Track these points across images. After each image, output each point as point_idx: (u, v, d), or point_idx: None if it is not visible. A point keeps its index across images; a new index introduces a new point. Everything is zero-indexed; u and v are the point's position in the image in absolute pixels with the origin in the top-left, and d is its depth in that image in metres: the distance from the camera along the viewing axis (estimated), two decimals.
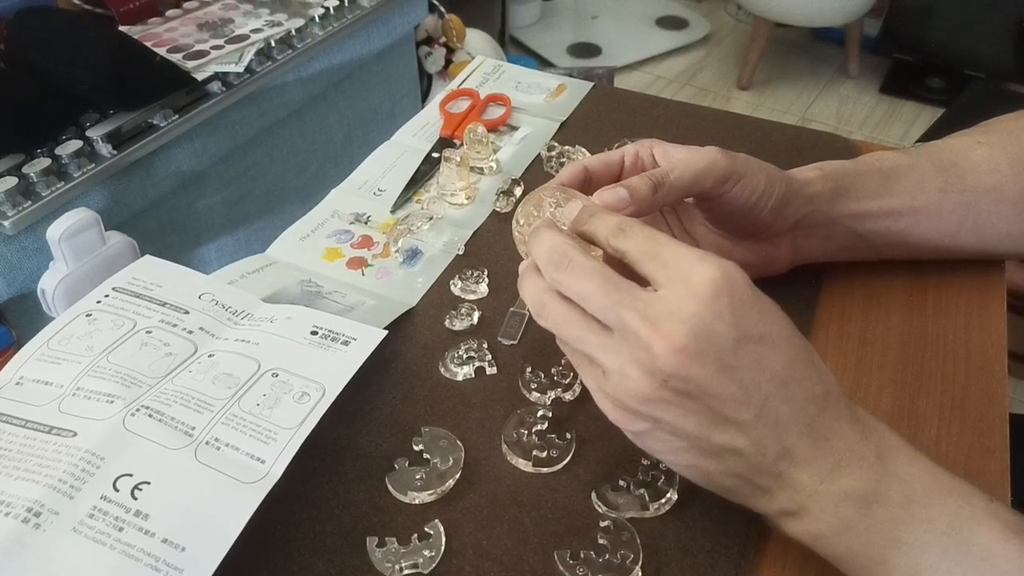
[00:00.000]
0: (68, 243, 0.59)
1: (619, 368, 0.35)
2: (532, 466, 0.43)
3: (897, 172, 0.51)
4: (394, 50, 1.29)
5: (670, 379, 0.33)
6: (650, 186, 0.43)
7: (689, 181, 0.44)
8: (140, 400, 0.42)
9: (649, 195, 0.43)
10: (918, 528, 0.33)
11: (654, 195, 0.43)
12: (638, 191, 0.42)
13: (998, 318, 0.52)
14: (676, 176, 0.44)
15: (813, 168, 0.50)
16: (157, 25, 1.06)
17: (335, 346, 0.46)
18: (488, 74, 0.79)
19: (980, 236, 0.51)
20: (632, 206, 0.43)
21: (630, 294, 0.34)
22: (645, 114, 0.72)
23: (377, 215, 0.62)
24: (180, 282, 0.51)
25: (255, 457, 0.40)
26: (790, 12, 2.27)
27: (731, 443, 0.34)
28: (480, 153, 0.65)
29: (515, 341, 0.51)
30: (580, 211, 0.40)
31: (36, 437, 0.40)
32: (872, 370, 0.49)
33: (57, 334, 0.46)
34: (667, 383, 0.33)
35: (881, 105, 2.38)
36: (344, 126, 1.25)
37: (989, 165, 0.51)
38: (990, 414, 0.46)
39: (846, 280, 0.54)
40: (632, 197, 0.42)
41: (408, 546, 0.39)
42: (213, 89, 0.97)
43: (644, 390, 0.34)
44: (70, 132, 0.88)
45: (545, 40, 2.61)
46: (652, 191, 0.43)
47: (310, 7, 1.12)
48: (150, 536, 0.36)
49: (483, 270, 0.56)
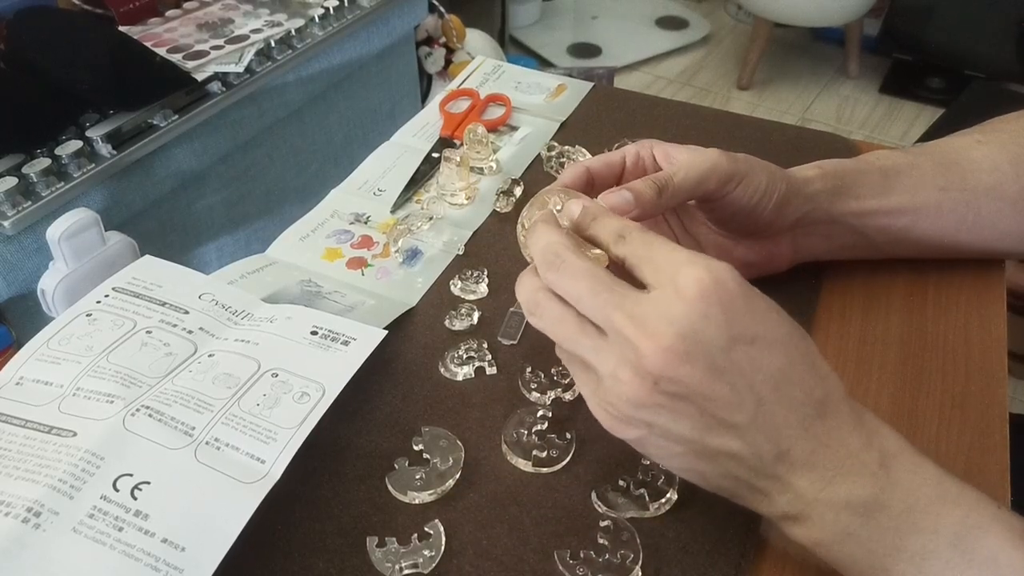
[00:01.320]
0: (68, 243, 0.59)
1: (612, 372, 0.34)
2: (532, 466, 0.43)
3: (897, 171, 0.51)
4: (394, 50, 1.29)
5: (660, 380, 0.33)
6: (655, 190, 0.43)
7: (693, 183, 0.44)
8: (140, 400, 0.42)
9: (654, 199, 0.43)
10: (921, 537, 0.33)
11: (659, 199, 0.43)
12: (642, 195, 0.42)
13: (998, 318, 0.52)
14: (680, 179, 0.44)
15: (813, 167, 0.50)
16: (157, 25, 1.06)
17: (335, 346, 0.46)
18: (488, 74, 0.79)
19: (980, 235, 0.51)
20: (636, 210, 0.43)
21: (620, 294, 0.34)
22: (645, 114, 0.72)
23: (377, 215, 0.62)
24: (180, 282, 0.51)
25: (255, 457, 0.40)
26: (790, 12, 2.27)
27: (726, 446, 0.34)
28: (480, 153, 0.65)
29: (515, 341, 0.51)
30: (582, 212, 0.40)
31: (36, 437, 0.40)
32: (872, 370, 0.49)
33: (57, 334, 0.46)
34: (658, 385, 0.33)
35: (881, 105, 2.38)
36: (344, 126, 1.25)
37: (989, 164, 0.51)
38: (990, 414, 0.46)
39: (846, 280, 0.54)
40: (637, 201, 0.42)
41: (408, 546, 0.39)
42: (213, 89, 0.97)
43: (636, 393, 0.34)
44: (70, 132, 0.88)
45: (545, 40, 2.61)
46: (657, 195, 0.43)
47: (310, 7, 1.12)
48: (150, 536, 0.36)
49: (483, 270, 0.56)
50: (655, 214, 0.44)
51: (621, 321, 0.34)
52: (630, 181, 0.44)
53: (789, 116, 2.33)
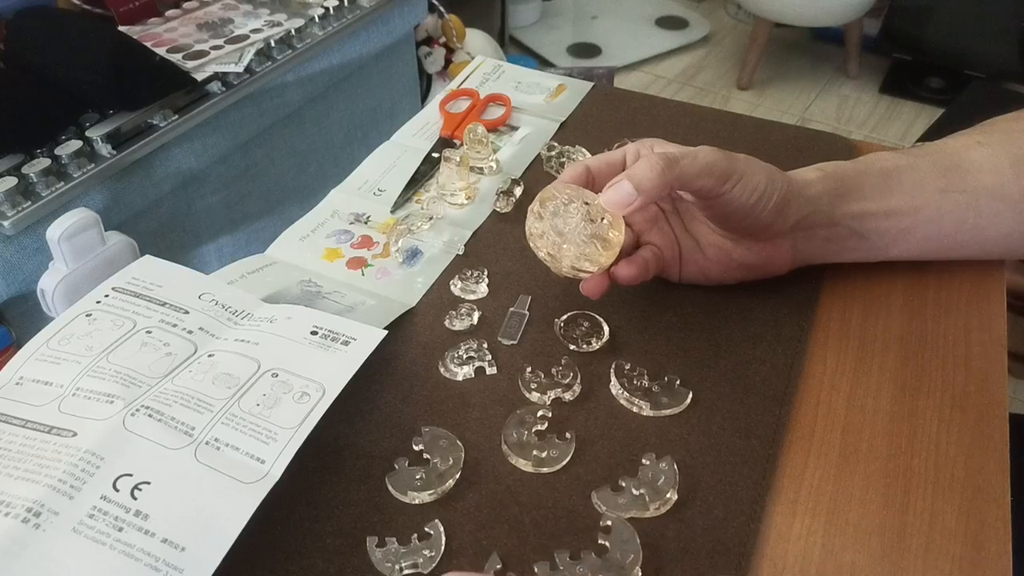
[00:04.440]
0: (68, 243, 0.59)
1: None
2: (532, 466, 0.43)
3: (898, 172, 0.51)
4: (394, 50, 1.29)
5: None
6: (658, 170, 0.42)
7: (696, 171, 0.44)
8: (140, 400, 0.42)
9: (657, 181, 0.42)
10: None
11: (663, 178, 0.42)
12: (643, 181, 0.42)
13: (998, 318, 0.52)
14: (687, 163, 0.43)
15: (814, 169, 0.50)
16: (157, 25, 1.06)
17: (335, 346, 0.46)
18: (488, 74, 0.79)
19: (980, 236, 0.51)
20: (640, 198, 0.42)
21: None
22: (645, 114, 0.72)
23: (377, 215, 0.62)
24: (180, 282, 0.51)
25: (255, 457, 0.40)
26: (790, 12, 2.27)
27: None
28: (480, 153, 0.65)
29: (515, 341, 0.51)
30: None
31: (36, 437, 0.40)
32: (872, 370, 0.49)
33: (57, 334, 0.46)
34: None
35: (881, 105, 2.38)
36: (344, 126, 1.25)
37: (989, 165, 0.50)
38: (990, 414, 0.46)
39: (846, 280, 0.54)
40: (639, 189, 0.42)
41: (408, 546, 0.39)
42: (213, 89, 0.97)
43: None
44: (70, 132, 0.88)
45: (545, 40, 2.61)
46: (660, 175, 0.42)
47: (310, 7, 1.12)
48: (150, 536, 0.36)
49: (483, 270, 0.56)
50: (658, 197, 0.43)
51: None
52: None
53: (789, 116, 2.33)
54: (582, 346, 0.50)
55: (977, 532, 0.40)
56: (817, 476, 0.43)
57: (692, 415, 0.46)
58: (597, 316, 0.52)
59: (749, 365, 0.49)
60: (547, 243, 0.46)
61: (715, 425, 0.45)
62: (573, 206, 0.46)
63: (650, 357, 0.49)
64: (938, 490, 0.42)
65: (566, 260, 0.46)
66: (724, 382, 0.48)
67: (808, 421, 0.46)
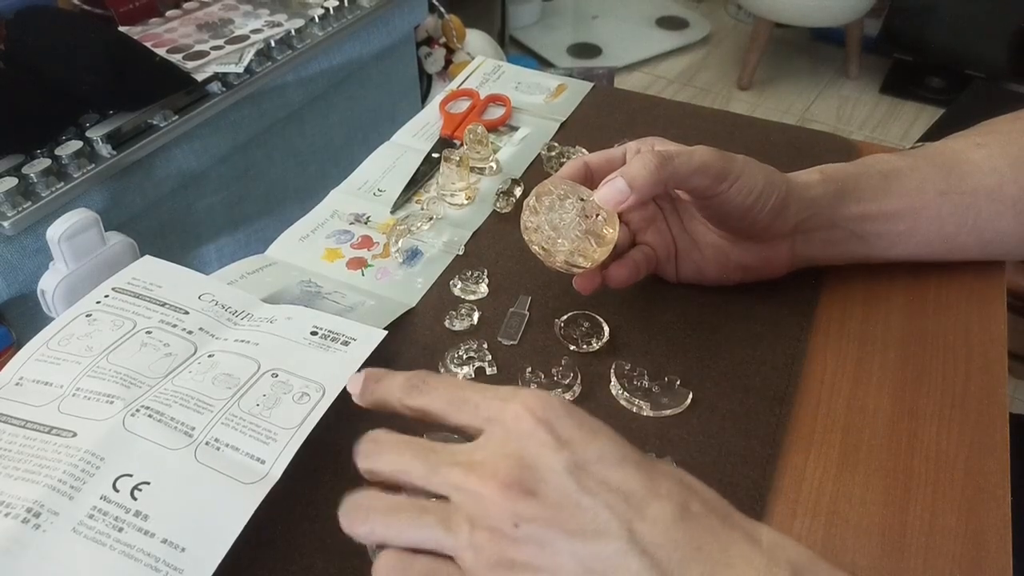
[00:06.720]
0: (68, 243, 0.59)
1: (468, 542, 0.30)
2: None
3: (897, 174, 0.50)
4: (394, 51, 1.29)
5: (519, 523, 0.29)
6: (652, 167, 0.42)
7: (694, 168, 0.44)
8: (140, 400, 0.42)
9: (651, 179, 0.42)
10: None
11: (657, 176, 0.42)
12: (637, 179, 0.42)
13: (998, 318, 0.52)
14: (681, 161, 0.43)
15: (814, 171, 0.50)
16: (157, 25, 1.06)
17: (335, 346, 0.46)
18: (488, 74, 0.79)
19: (980, 238, 0.51)
20: (634, 195, 0.42)
21: (447, 451, 0.32)
22: (645, 114, 0.72)
23: (377, 215, 0.62)
24: (180, 282, 0.51)
25: (255, 457, 0.40)
26: (790, 12, 2.27)
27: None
28: (480, 153, 0.65)
29: (515, 341, 0.51)
30: (364, 381, 0.36)
31: (36, 437, 0.40)
32: (872, 370, 0.49)
33: (57, 334, 0.46)
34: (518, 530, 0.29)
35: (881, 105, 2.38)
36: (344, 126, 1.24)
37: (989, 166, 0.50)
38: (990, 414, 0.46)
39: (846, 280, 0.54)
40: (633, 186, 0.42)
41: None
42: (213, 89, 0.97)
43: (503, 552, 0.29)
44: (70, 132, 0.88)
45: (545, 40, 2.61)
46: (654, 172, 0.42)
47: (310, 7, 1.12)
48: (150, 536, 0.36)
49: (483, 270, 0.56)
50: (652, 195, 0.43)
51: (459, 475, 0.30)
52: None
53: (789, 116, 2.33)
54: (582, 346, 0.50)
55: (977, 532, 0.40)
56: (817, 476, 0.43)
57: (692, 415, 0.46)
58: (597, 316, 0.52)
59: (749, 365, 0.49)
60: (541, 237, 0.47)
61: (715, 425, 0.45)
62: (569, 201, 0.47)
63: (650, 357, 0.49)
64: (938, 490, 0.42)
65: (560, 255, 0.46)
66: (724, 382, 0.48)
67: (808, 421, 0.46)
